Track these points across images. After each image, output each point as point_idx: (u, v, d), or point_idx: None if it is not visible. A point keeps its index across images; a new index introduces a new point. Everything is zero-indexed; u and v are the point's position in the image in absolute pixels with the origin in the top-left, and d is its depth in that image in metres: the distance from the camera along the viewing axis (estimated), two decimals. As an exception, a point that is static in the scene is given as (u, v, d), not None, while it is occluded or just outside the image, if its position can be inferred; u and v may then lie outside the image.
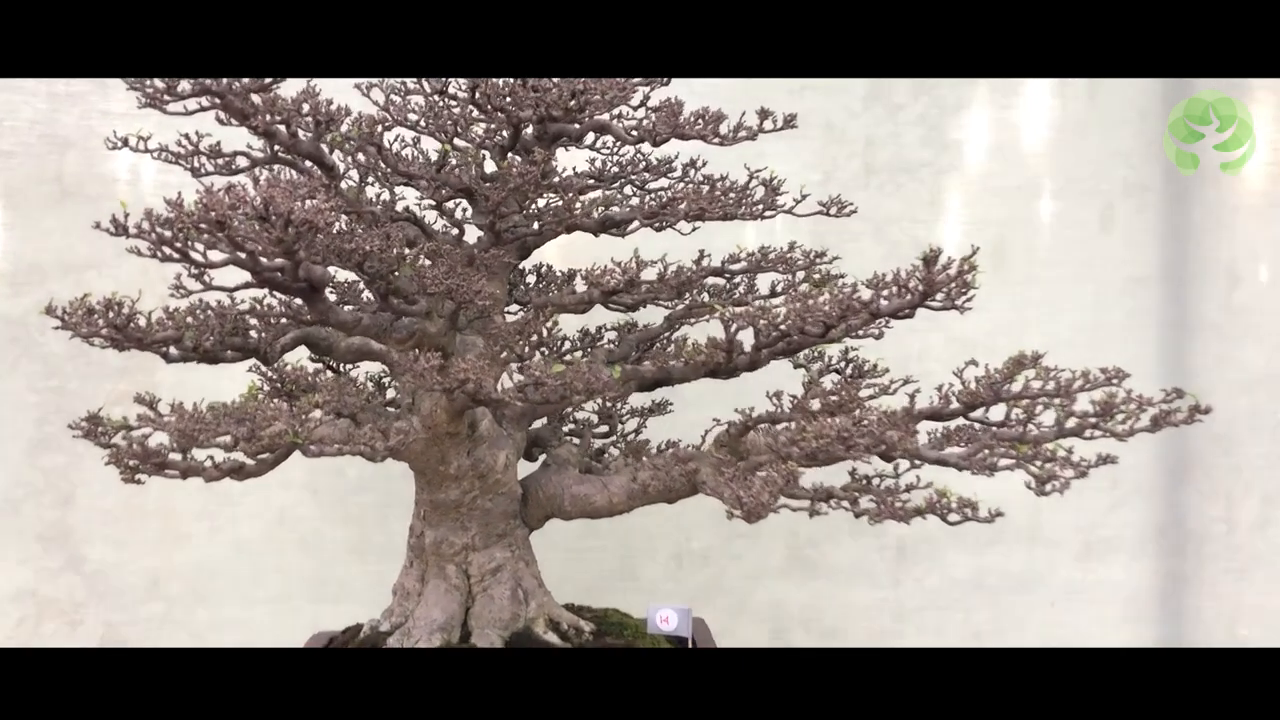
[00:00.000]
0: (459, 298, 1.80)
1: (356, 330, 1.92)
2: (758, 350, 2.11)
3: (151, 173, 3.23)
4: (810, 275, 2.39)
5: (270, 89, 1.93)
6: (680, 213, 2.11)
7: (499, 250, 2.05)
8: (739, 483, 1.87)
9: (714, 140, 2.06)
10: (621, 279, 1.97)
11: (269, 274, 1.74)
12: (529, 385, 1.79)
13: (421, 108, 2.02)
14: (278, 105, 1.91)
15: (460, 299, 1.80)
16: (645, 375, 2.22)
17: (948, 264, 1.97)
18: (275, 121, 1.91)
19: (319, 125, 1.98)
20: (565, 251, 2.87)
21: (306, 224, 1.61)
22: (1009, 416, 2.16)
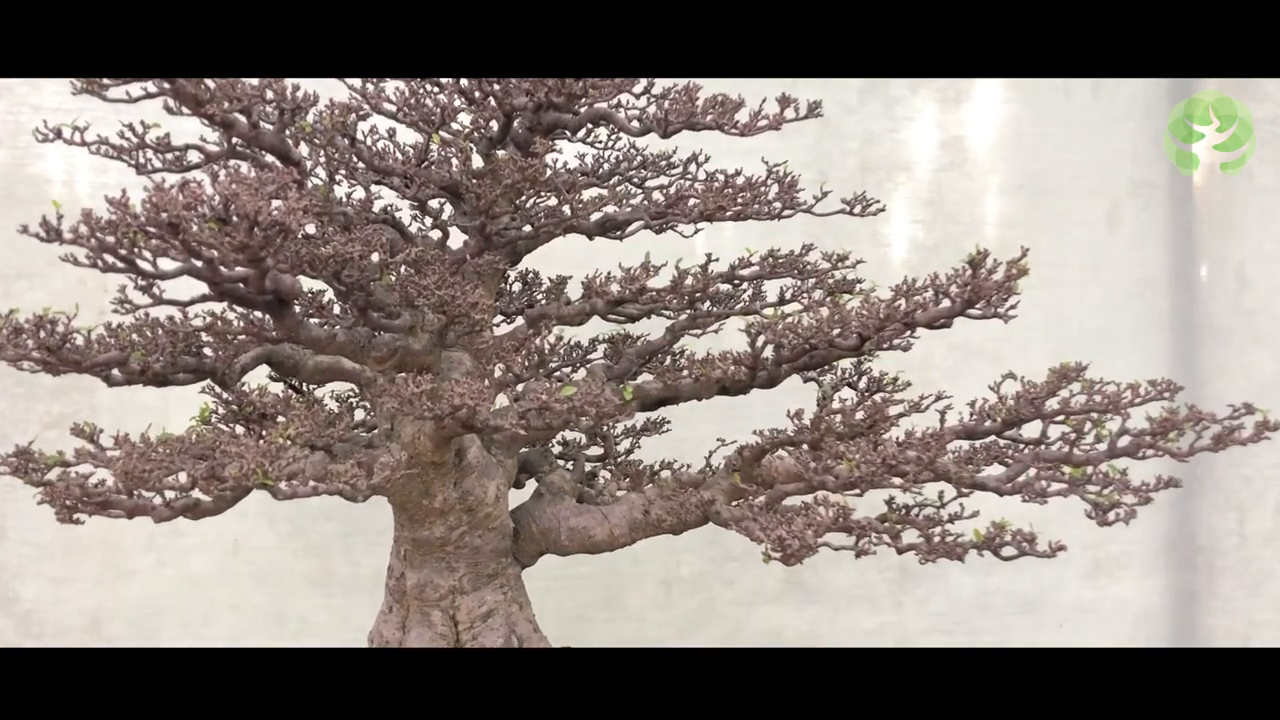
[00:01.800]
0: (452, 311, 1.56)
1: (330, 348, 1.68)
2: (779, 365, 1.89)
3: (88, 173, 2.95)
4: (825, 281, 2.18)
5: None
6: (690, 212, 1.89)
7: (490, 256, 1.81)
8: (773, 518, 1.64)
9: (732, 130, 1.83)
10: (630, 288, 1.74)
11: (230, 285, 1.49)
12: (533, 410, 1.55)
13: (401, 95, 1.77)
14: (237, 90, 1.65)
15: (453, 312, 1.56)
16: (651, 393, 2.00)
17: (993, 267, 1.77)
18: (234, 109, 1.66)
19: (284, 114, 1.73)
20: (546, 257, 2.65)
21: (276, 226, 1.36)
22: (1044, 434, 1.97)
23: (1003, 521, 1.72)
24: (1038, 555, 1.73)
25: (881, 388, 2.24)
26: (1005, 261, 1.76)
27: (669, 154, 2.24)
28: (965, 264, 1.75)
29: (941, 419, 1.96)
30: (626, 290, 1.75)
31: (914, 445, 1.85)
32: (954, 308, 1.79)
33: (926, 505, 1.84)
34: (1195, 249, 3.29)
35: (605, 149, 2.18)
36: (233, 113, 1.66)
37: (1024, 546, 1.72)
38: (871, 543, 1.68)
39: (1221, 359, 3.26)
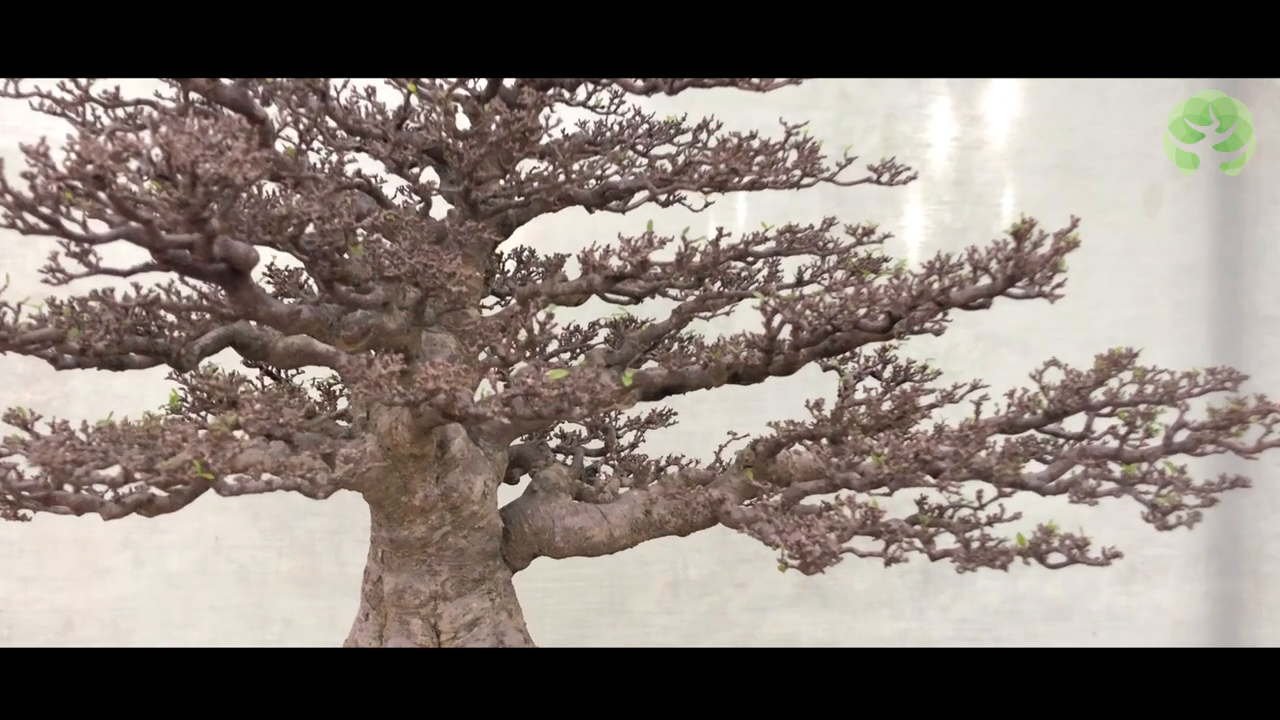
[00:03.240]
0: (426, 282, 1.37)
1: (293, 326, 1.49)
2: (798, 349, 1.70)
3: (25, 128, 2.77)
4: (848, 259, 1.98)
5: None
6: (701, 178, 1.69)
7: (475, 224, 1.62)
8: (790, 520, 1.45)
9: (746, 85, 1.64)
10: (631, 261, 1.55)
11: (175, 252, 1.31)
12: (519, 396, 1.37)
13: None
14: (190, 37, 1.47)
15: (428, 284, 1.37)
16: (655, 381, 1.81)
17: (1039, 239, 1.58)
18: (185, 57, 1.47)
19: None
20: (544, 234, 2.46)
21: (220, 181, 1.17)
22: (1089, 427, 1.78)
23: (1050, 525, 1.52)
24: (1089, 563, 1.54)
25: (909, 376, 2.05)
26: (1052, 234, 1.57)
27: (678, 120, 2.06)
28: (1008, 235, 1.55)
29: (977, 410, 1.78)
30: (627, 264, 1.56)
31: (949, 439, 1.67)
32: (994, 285, 1.59)
33: (963, 506, 1.65)
34: (1240, 232, 3.08)
35: (608, 114, 2.00)
36: (185, 61, 1.48)
37: (1074, 554, 1.53)
38: (902, 548, 1.49)
39: (1270, 349, 3.05)
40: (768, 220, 2.11)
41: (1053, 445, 1.90)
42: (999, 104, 3.05)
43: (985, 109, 3.04)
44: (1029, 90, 3.06)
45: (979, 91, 3.03)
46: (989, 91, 3.04)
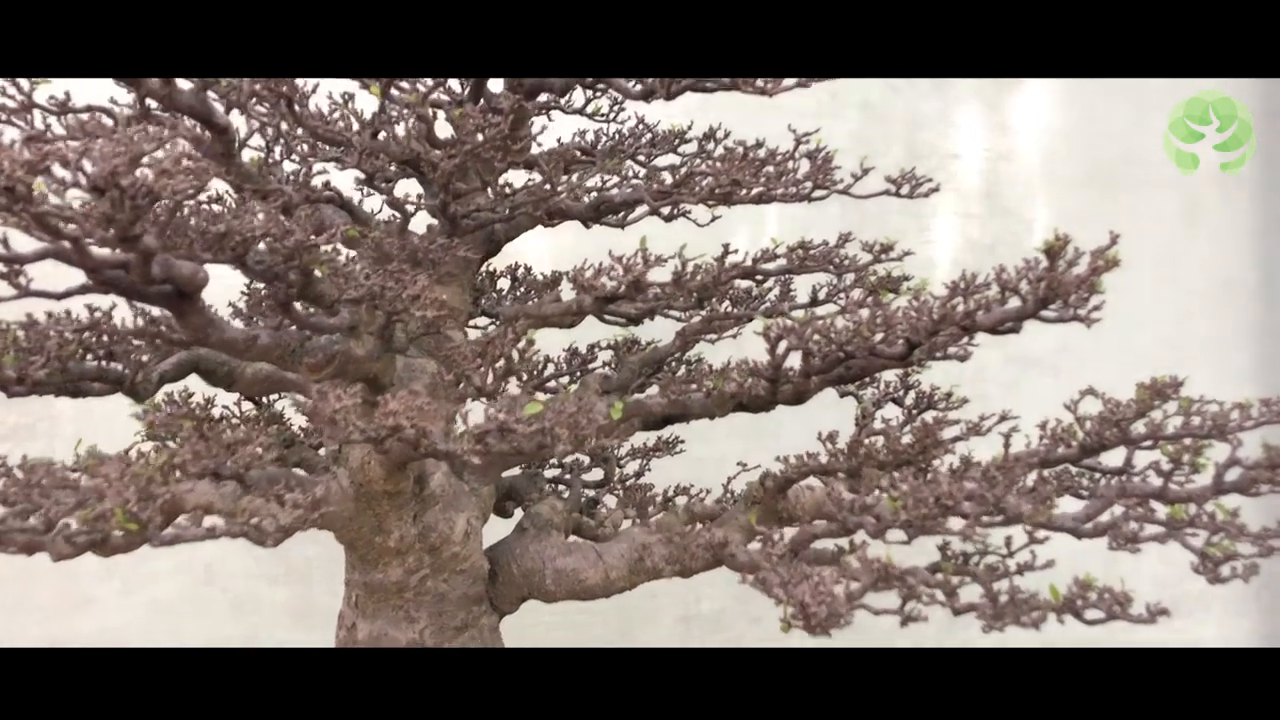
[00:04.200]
0: (387, 306, 1.23)
1: (252, 353, 1.36)
2: (808, 376, 1.56)
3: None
4: (865, 278, 1.84)
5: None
6: (703, 190, 1.55)
7: (455, 242, 1.49)
8: (798, 571, 1.30)
9: (750, 89, 1.49)
10: (623, 280, 1.40)
11: (110, 272, 1.18)
12: (492, 432, 1.23)
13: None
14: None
15: (391, 308, 1.23)
16: (654, 410, 1.66)
17: (1074, 258, 1.43)
18: (136, 59, 1.34)
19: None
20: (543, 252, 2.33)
21: (148, 193, 1.04)
22: (1129, 462, 1.63)
23: (1088, 579, 1.37)
24: (1131, 620, 1.38)
25: (933, 404, 1.90)
26: (1089, 251, 1.41)
27: (683, 130, 1.92)
28: (1039, 253, 1.40)
29: (1006, 445, 1.62)
30: (620, 285, 1.42)
31: (975, 478, 1.52)
32: (1025, 308, 1.44)
33: (990, 553, 1.49)
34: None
35: (608, 121, 1.87)
36: (135, 64, 1.35)
37: (1115, 610, 1.37)
38: (921, 603, 1.33)
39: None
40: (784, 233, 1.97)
41: (1089, 479, 1.74)
42: (1028, 112, 2.89)
43: (1014, 117, 2.88)
44: (1059, 97, 2.90)
45: (1007, 99, 2.87)
46: (1017, 99, 2.88)
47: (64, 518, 1.14)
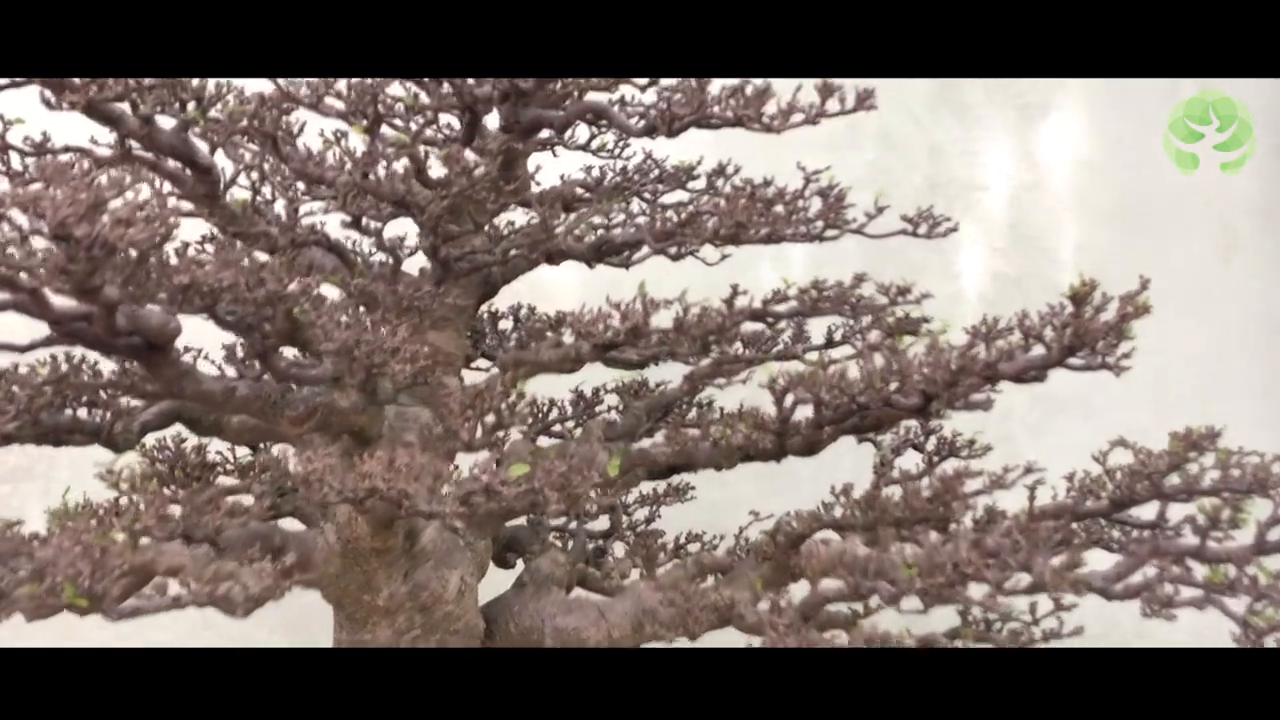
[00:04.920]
0: (366, 360, 1.16)
1: (230, 405, 1.29)
2: (819, 427, 1.47)
3: None
4: (883, 320, 1.75)
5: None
6: (707, 231, 1.48)
7: (443, 289, 1.42)
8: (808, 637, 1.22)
9: (755, 125, 1.41)
10: (621, 328, 1.33)
11: (74, 324, 1.11)
12: (477, 492, 1.15)
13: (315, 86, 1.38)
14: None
15: (369, 362, 1.16)
16: (658, 460, 1.59)
17: (1102, 304, 1.34)
18: (110, 97, 1.29)
19: (183, 105, 1.37)
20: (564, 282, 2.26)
21: (103, 245, 0.98)
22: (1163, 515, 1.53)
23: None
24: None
25: (955, 450, 1.81)
26: (1118, 297, 1.33)
27: (691, 165, 1.85)
28: (1065, 299, 1.32)
29: (1031, 497, 1.53)
30: (618, 332, 1.34)
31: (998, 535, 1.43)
32: (1050, 356, 1.36)
33: (1013, 618, 1.40)
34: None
35: (613, 158, 1.80)
36: (108, 101, 1.29)
37: (1150, 684, 1.27)
38: (939, 675, 1.24)
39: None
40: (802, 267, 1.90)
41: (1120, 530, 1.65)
42: (1054, 142, 2.81)
43: (1039, 147, 2.80)
44: (1086, 127, 2.81)
45: (1031, 128, 2.78)
46: (1042, 128, 2.80)
47: (16, 589, 1.07)
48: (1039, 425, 2.66)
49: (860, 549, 1.54)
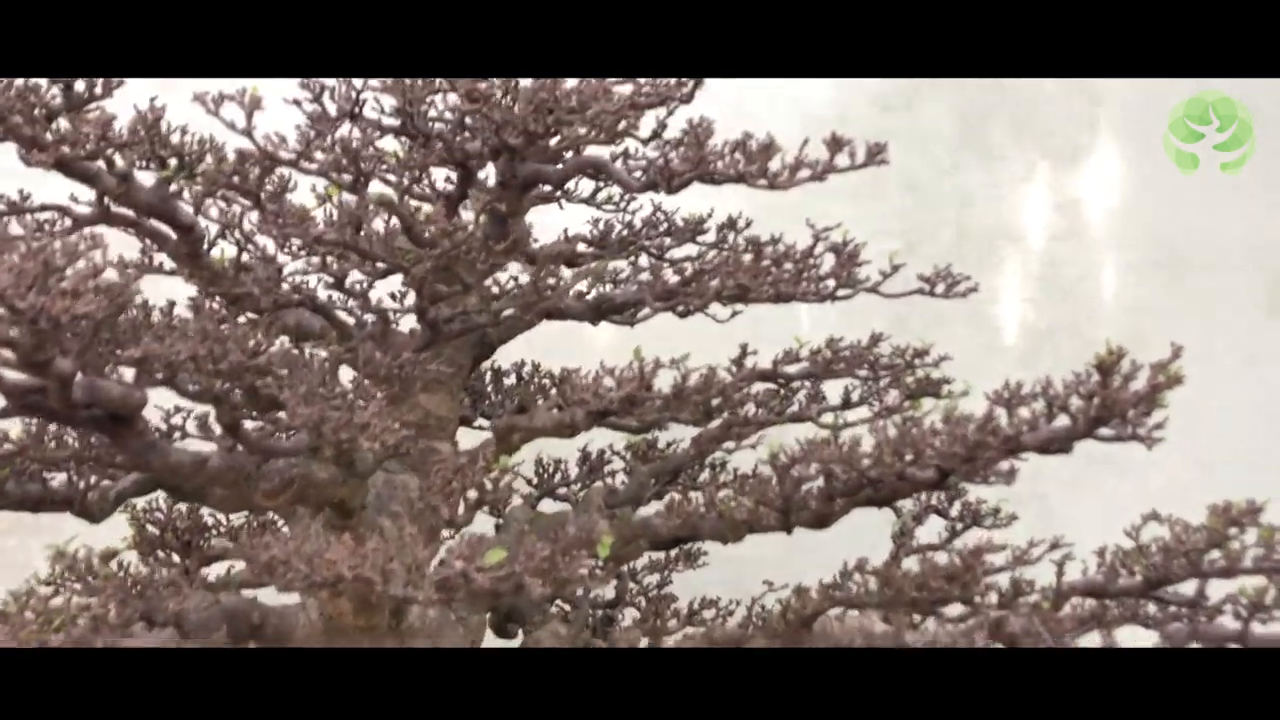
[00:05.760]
0: (333, 437, 1.08)
1: (201, 478, 1.22)
2: (830, 499, 1.38)
3: None
4: (903, 381, 1.67)
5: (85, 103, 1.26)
6: (710, 291, 1.40)
7: (426, 355, 1.35)
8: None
9: (759, 182, 1.34)
10: (616, 395, 1.25)
11: (26, 398, 1.05)
12: (453, 577, 1.07)
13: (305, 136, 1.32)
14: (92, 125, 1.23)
15: (336, 439, 1.09)
16: (661, 532, 1.50)
17: (1131, 372, 1.25)
18: (84, 154, 1.23)
19: (163, 162, 1.31)
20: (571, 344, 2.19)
21: (49, 318, 0.92)
22: (1202, 593, 1.43)
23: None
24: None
25: (978, 518, 1.72)
26: (1149, 365, 1.23)
27: (701, 218, 1.78)
28: (1090, 367, 1.23)
29: (1059, 573, 1.44)
30: (613, 399, 1.26)
31: (1019, 618, 1.33)
32: (1075, 428, 1.27)
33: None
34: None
35: (619, 211, 1.73)
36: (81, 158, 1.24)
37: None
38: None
39: None
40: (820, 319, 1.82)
41: (1158, 606, 1.54)
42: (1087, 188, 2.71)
43: (1071, 194, 2.70)
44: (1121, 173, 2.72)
45: (1065, 175, 2.69)
46: (1076, 175, 2.71)
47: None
48: (1072, 481, 2.54)
49: (877, 626, 1.45)
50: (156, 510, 1.75)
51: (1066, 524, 2.59)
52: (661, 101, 1.39)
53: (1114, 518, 1.58)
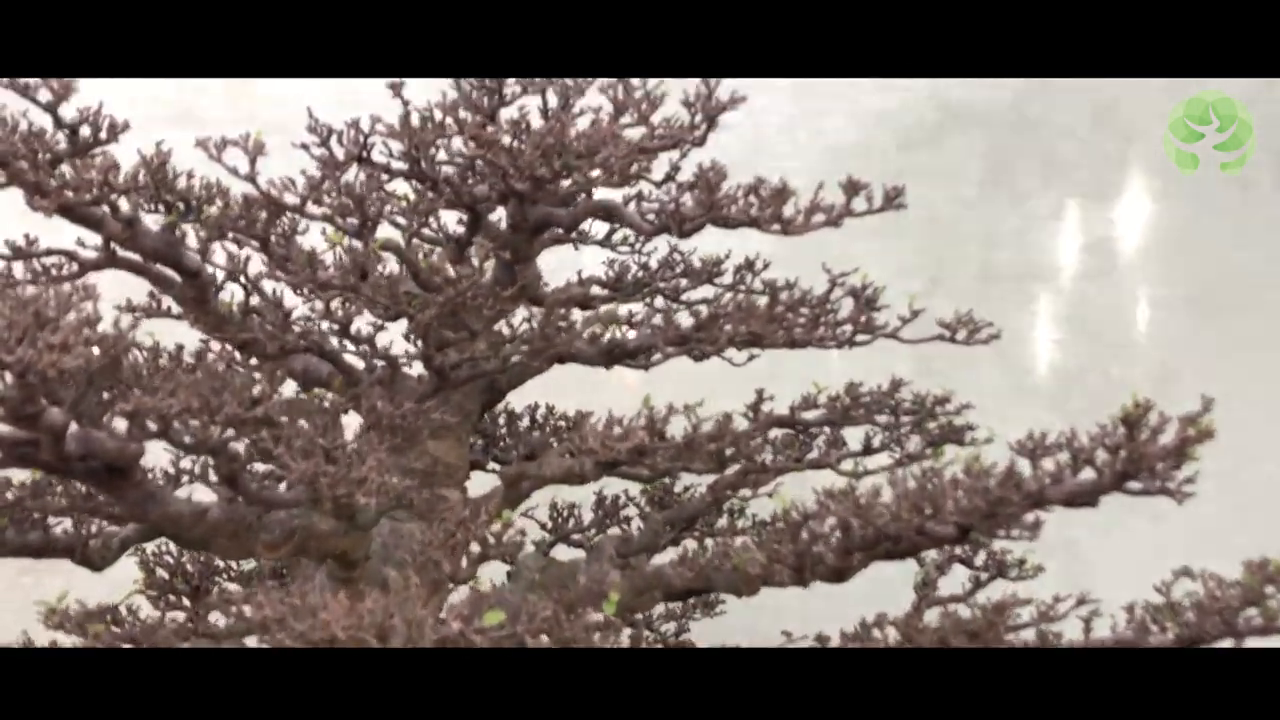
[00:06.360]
0: (328, 493, 1.06)
1: (201, 529, 1.20)
2: (848, 553, 1.34)
3: None
4: (925, 427, 1.62)
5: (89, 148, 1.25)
6: (723, 337, 1.37)
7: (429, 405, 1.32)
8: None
9: (772, 227, 1.30)
10: (622, 448, 1.22)
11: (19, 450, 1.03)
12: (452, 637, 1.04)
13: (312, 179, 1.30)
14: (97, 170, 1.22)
15: (333, 494, 1.06)
16: (674, 584, 1.46)
17: (1159, 426, 1.20)
18: (88, 199, 1.22)
19: (169, 206, 1.30)
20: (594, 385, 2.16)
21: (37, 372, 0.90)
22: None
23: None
24: None
25: (1004, 569, 1.67)
26: (1177, 417, 1.18)
27: (719, 259, 1.74)
28: (1117, 420, 1.18)
29: (1086, 630, 1.38)
30: (620, 451, 1.23)
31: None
32: (1102, 482, 1.22)
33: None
34: None
35: (634, 252, 1.71)
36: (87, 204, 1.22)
37: None
38: None
39: None
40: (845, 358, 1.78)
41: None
42: (1118, 227, 2.66)
43: (1104, 234, 2.65)
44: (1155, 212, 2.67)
45: (1094, 214, 2.65)
46: (1106, 213, 2.66)
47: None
48: (1104, 526, 2.48)
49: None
50: (166, 554, 1.73)
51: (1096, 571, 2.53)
52: (674, 144, 1.36)
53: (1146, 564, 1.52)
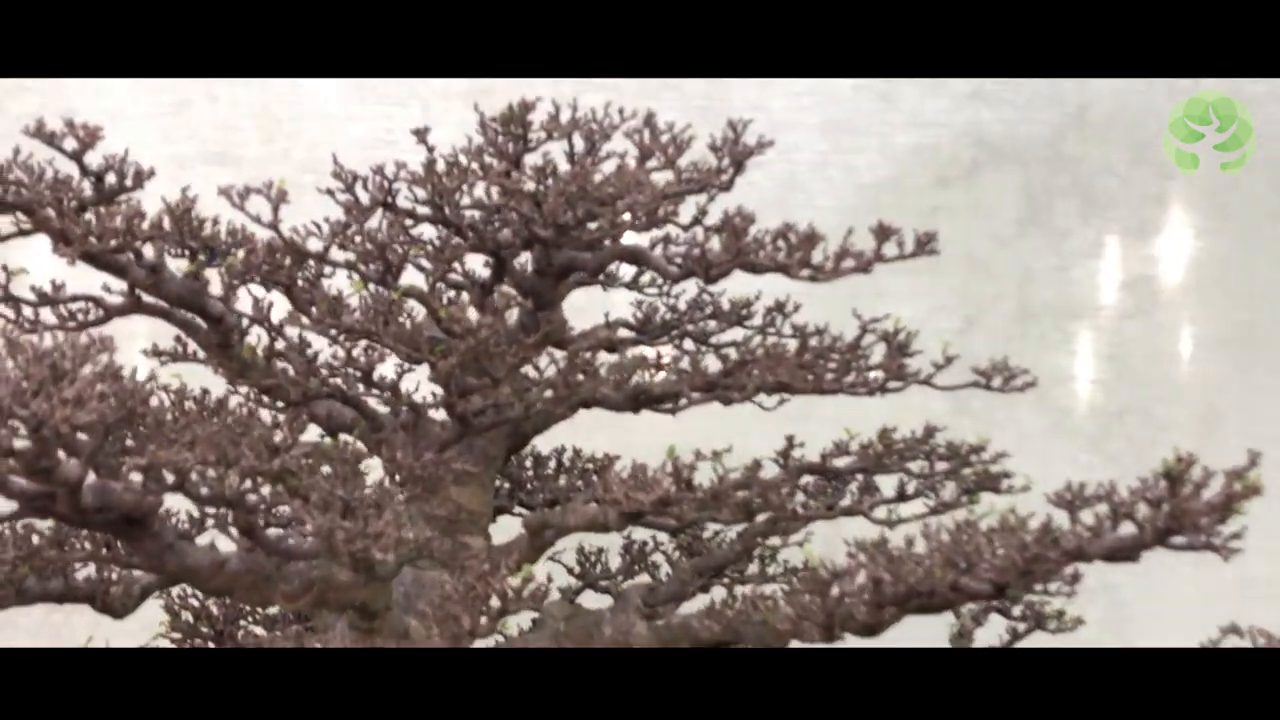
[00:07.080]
0: (344, 548, 1.04)
1: (219, 580, 1.19)
2: (880, 607, 1.30)
3: None
4: (960, 473, 1.58)
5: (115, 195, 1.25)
6: (751, 384, 1.34)
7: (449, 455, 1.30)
8: None
9: (801, 273, 1.28)
10: (646, 500, 1.19)
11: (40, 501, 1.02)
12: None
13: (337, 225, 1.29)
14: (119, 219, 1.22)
15: (350, 549, 1.04)
16: (702, 636, 1.43)
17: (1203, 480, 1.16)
18: (112, 246, 1.22)
19: (193, 253, 1.29)
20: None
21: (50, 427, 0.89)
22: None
23: None
24: None
25: (1042, 621, 1.62)
26: (1223, 472, 1.14)
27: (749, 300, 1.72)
28: (1159, 474, 1.14)
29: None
30: (644, 502, 1.20)
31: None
32: (1143, 537, 1.18)
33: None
34: None
35: (662, 294, 1.69)
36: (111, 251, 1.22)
37: None
38: None
39: None
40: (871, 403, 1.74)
41: None
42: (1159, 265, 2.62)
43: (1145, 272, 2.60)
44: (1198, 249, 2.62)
45: (1134, 251, 2.60)
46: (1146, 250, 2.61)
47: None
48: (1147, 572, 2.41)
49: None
50: (191, 596, 1.72)
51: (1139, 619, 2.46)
52: (701, 188, 1.35)
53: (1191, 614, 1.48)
